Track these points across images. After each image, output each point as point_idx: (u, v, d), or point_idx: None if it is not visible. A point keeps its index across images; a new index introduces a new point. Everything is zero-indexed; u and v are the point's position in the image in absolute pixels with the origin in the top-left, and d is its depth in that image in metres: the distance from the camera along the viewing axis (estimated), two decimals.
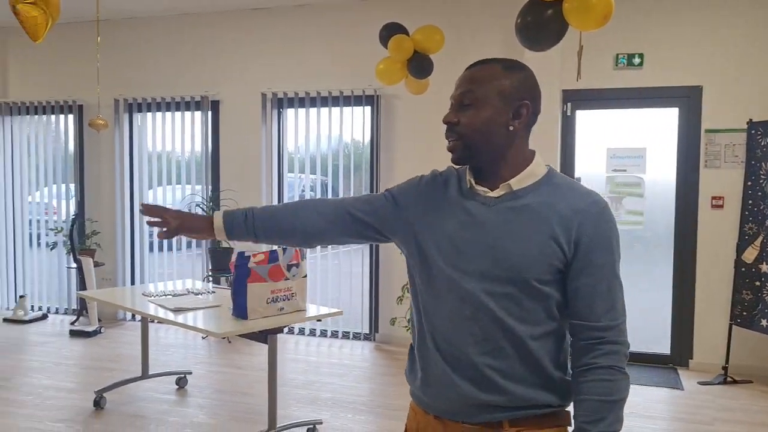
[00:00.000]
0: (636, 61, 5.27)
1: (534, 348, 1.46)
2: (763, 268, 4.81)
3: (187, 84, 6.48)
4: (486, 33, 5.57)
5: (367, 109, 6.00)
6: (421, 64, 4.65)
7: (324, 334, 6.25)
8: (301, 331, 6.31)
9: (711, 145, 5.17)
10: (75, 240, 6.42)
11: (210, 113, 6.45)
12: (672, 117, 5.31)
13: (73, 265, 6.52)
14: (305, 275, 3.80)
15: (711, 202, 5.18)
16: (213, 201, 6.29)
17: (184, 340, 6.05)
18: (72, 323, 6.48)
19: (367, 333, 6.14)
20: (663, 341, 5.37)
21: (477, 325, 1.46)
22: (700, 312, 5.25)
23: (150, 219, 1.66)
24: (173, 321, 3.67)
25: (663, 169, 5.34)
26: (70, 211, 7.03)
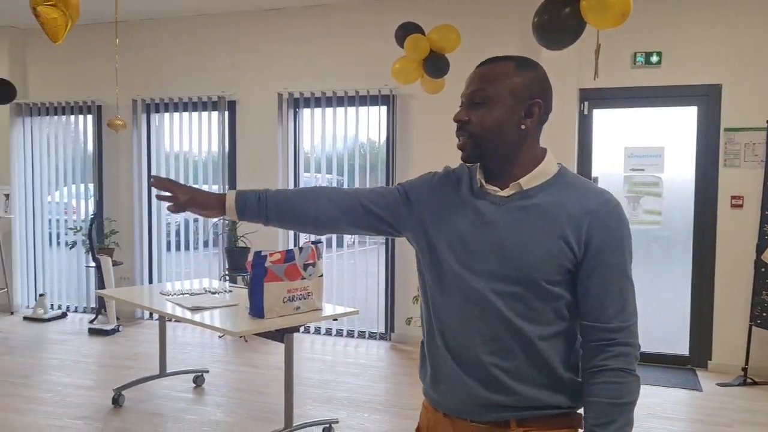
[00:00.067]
0: (654, 59, 5.22)
1: (543, 348, 1.45)
2: None
3: (204, 84, 6.52)
4: (502, 32, 5.55)
5: (383, 108, 6.00)
6: (437, 64, 4.65)
7: (340, 333, 6.26)
8: (317, 331, 6.33)
9: (730, 144, 5.11)
10: (94, 239, 6.48)
11: (227, 113, 6.49)
12: (690, 116, 5.26)
13: (92, 264, 6.58)
14: (321, 274, 3.81)
15: (730, 201, 5.13)
16: None
17: (201, 339, 6.09)
18: (91, 321, 6.55)
19: (383, 332, 6.14)
20: (681, 342, 5.32)
21: (485, 324, 1.46)
22: (719, 312, 5.20)
23: (159, 193, 1.61)
24: (191, 320, 3.69)
25: (681, 169, 5.29)
26: (89, 210, 7.10)
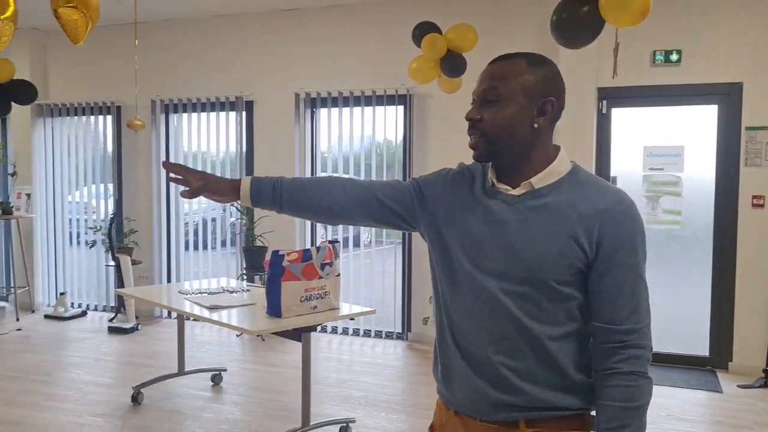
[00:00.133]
0: (674, 57, 5.17)
1: (553, 349, 1.43)
2: None
3: (222, 85, 6.56)
4: (520, 31, 5.53)
5: (400, 108, 6.00)
6: (455, 63, 4.64)
7: (357, 332, 6.27)
8: (334, 330, 6.34)
9: (752, 142, 5.05)
10: (113, 238, 6.55)
11: (244, 113, 6.52)
12: (711, 114, 5.20)
13: (112, 263, 6.64)
14: (338, 274, 3.82)
15: (752, 201, 5.06)
16: None
17: (218, 338, 6.13)
18: (110, 320, 6.61)
19: (400, 332, 6.14)
20: (701, 343, 5.26)
21: (494, 323, 1.45)
22: (740, 313, 5.13)
23: (173, 175, 1.61)
24: (209, 318, 3.72)
25: (701, 168, 5.23)
26: (108, 210, 7.17)
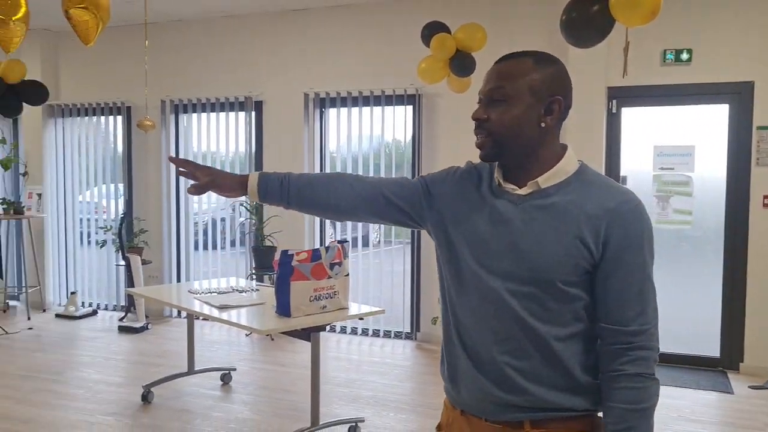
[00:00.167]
0: (684, 56, 5.14)
1: (559, 349, 1.42)
2: None
3: (231, 85, 6.58)
4: (529, 30, 5.51)
5: (409, 108, 5.99)
6: (464, 63, 4.63)
7: (366, 332, 6.27)
8: (343, 330, 6.34)
9: (763, 142, 5.02)
10: (123, 238, 6.58)
11: (253, 113, 6.53)
12: (722, 113, 5.17)
13: (122, 262, 6.68)
14: (347, 273, 3.82)
15: (763, 200, 5.03)
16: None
17: (228, 337, 6.15)
18: (120, 319, 6.65)
19: (409, 332, 6.14)
20: (712, 343, 5.22)
21: (499, 323, 1.44)
22: (751, 313, 5.10)
23: (182, 169, 1.62)
24: (218, 318, 3.73)
25: (712, 167, 5.20)
26: (118, 210, 7.21)
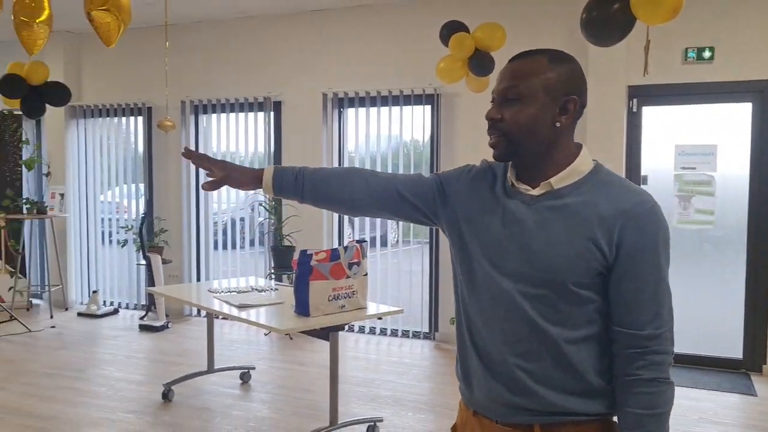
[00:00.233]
0: (706, 54, 5.08)
1: (570, 352, 1.40)
2: None
3: (251, 85, 6.61)
4: (549, 29, 5.48)
5: (427, 107, 5.98)
6: (482, 62, 4.62)
7: (384, 332, 6.27)
8: (362, 329, 6.35)
9: None
10: (144, 238, 6.64)
11: (272, 114, 6.56)
12: (745, 112, 5.10)
13: (143, 262, 6.74)
14: (366, 273, 3.82)
15: None
16: (275, 200, 6.40)
17: (247, 336, 6.18)
18: (141, 318, 6.71)
19: (427, 332, 6.13)
20: (735, 345, 5.15)
21: (510, 325, 1.43)
22: None
23: (197, 162, 1.64)
24: (238, 317, 3.76)
25: (735, 167, 5.12)
26: (139, 209, 7.28)
